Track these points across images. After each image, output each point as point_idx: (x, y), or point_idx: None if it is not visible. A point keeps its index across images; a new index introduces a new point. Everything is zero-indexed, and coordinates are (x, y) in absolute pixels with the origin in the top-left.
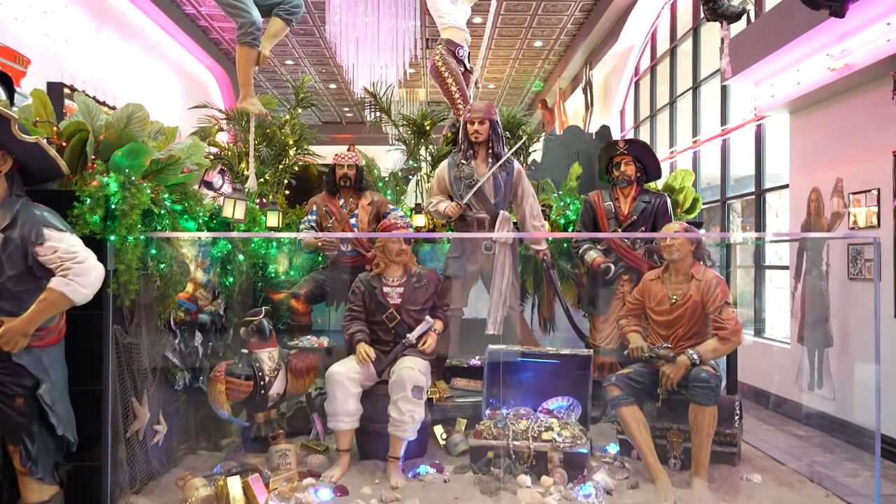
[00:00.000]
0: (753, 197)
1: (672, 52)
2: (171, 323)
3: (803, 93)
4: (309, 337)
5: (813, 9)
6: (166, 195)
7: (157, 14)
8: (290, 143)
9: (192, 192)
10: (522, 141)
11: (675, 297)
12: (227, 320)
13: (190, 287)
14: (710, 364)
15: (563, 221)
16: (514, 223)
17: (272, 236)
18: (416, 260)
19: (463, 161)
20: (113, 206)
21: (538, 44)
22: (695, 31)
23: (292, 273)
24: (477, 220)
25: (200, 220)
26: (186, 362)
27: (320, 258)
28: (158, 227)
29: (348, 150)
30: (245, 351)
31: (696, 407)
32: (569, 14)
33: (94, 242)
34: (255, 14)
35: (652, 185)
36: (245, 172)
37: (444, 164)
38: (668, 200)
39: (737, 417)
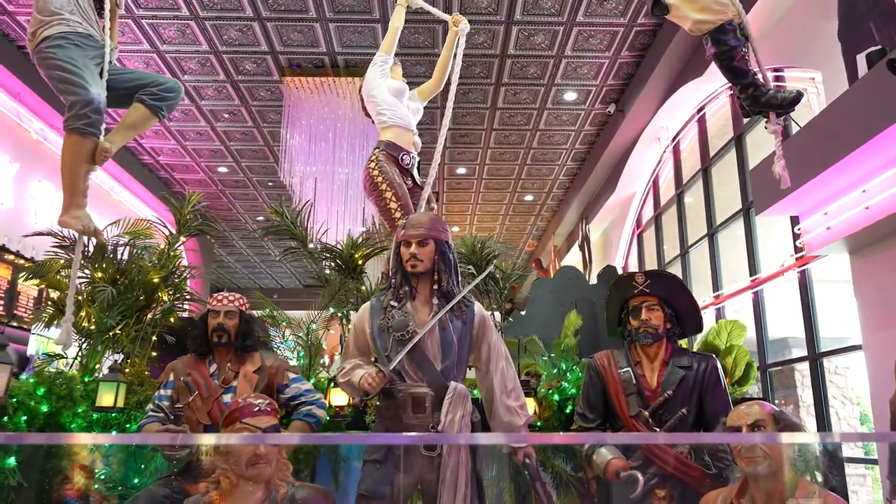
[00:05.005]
0: (803, 363)
1: (679, 199)
2: None
3: (875, 220)
4: None
5: None
6: None
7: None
8: (156, 280)
9: None
10: (486, 272)
11: None
12: None
13: (81, 479)
14: None
15: (557, 398)
16: (476, 400)
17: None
18: (290, 470)
19: (394, 303)
20: None
21: (529, 197)
22: (705, 172)
23: (137, 481)
24: (412, 397)
25: None
26: None
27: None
28: None
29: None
30: None
31: None
32: (560, 164)
33: None
34: (94, 92)
35: (681, 343)
36: (86, 323)
37: (366, 308)
38: (720, 366)
39: None
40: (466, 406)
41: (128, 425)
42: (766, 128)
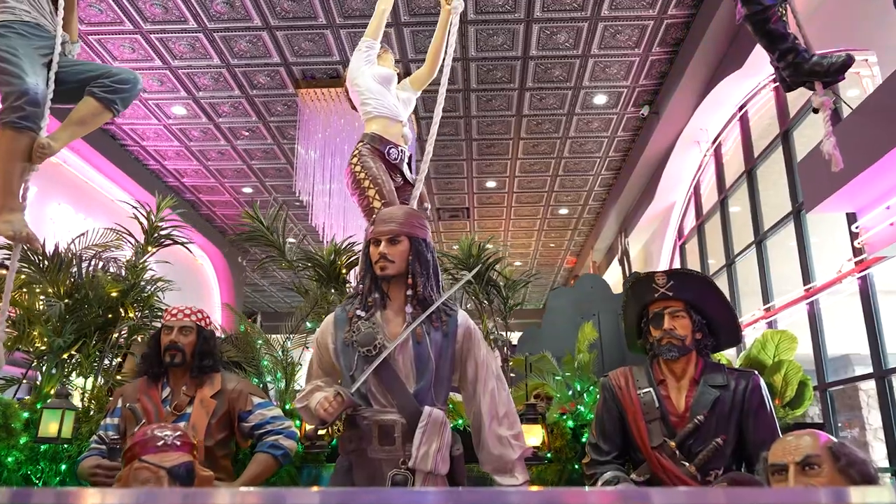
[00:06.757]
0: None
1: (722, 205)
2: None
3: None
4: None
5: None
6: None
7: (130, 185)
8: (114, 295)
9: None
10: (471, 275)
11: None
12: None
13: None
14: None
15: (570, 425)
16: (459, 430)
17: None
18: None
19: (361, 313)
20: None
21: (564, 211)
22: (749, 174)
23: None
24: (379, 425)
25: None
26: None
27: None
28: None
29: None
30: None
31: None
32: (594, 174)
33: None
34: (31, 82)
35: (720, 357)
36: (38, 343)
37: (329, 319)
38: (763, 384)
39: None
40: (444, 436)
41: (80, 458)
42: (812, 108)
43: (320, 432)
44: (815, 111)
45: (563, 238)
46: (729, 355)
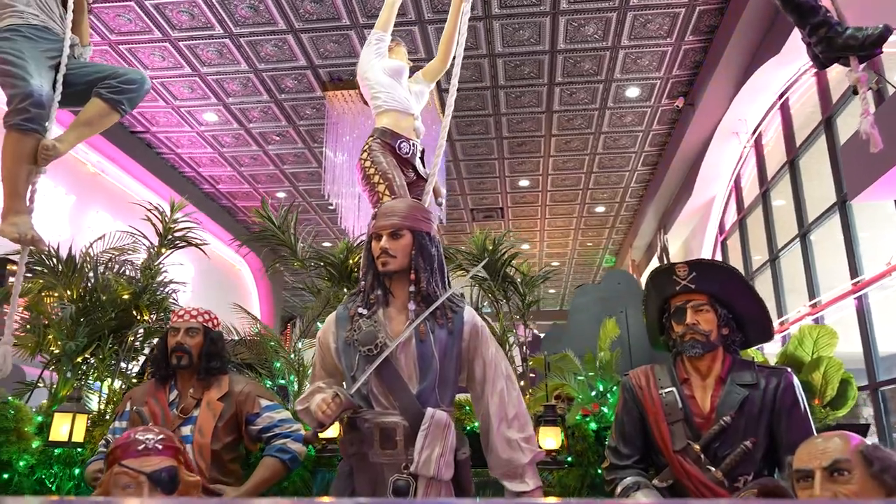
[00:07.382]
0: None
1: (764, 198)
2: None
3: None
4: None
5: None
6: None
7: (167, 192)
8: (126, 297)
9: None
10: (478, 268)
11: None
12: None
13: None
14: None
15: (593, 427)
16: (468, 432)
17: None
18: None
19: (362, 311)
20: None
21: (600, 209)
22: (791, 165)
23: None
24: (380, 428)
25: None
26: None
27: None
28: None
29: None
30: None
31: None
32: (630, 169)
33: None
34: (35, 84)
35: (754, 354)
36: (52, 349)
37: (331, 318)
38: (797, 382)
39: None
40: (447, 440)
41: (88, 462)
42: (853, 90)
43: (322, 435)
44: (856, 93)
45: (601, 237)
46: (768, 354)
